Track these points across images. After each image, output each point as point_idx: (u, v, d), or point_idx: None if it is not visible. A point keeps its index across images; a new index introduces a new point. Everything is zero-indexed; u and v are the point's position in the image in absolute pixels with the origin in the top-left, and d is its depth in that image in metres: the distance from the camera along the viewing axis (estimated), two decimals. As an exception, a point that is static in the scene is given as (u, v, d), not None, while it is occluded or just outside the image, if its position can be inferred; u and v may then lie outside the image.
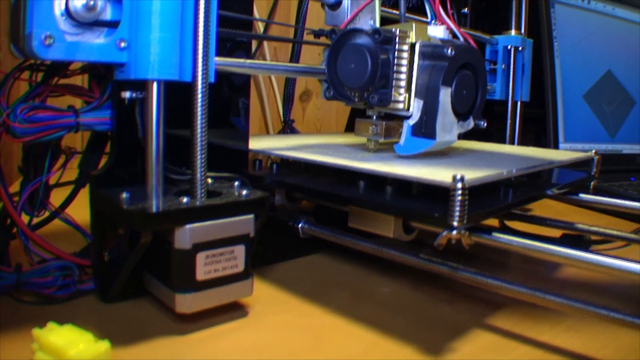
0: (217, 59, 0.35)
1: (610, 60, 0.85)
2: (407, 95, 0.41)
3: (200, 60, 0.32)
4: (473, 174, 0.35)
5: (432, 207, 0.33)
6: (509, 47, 0.66)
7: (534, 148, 0.59)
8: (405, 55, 0.41)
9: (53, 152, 0.36)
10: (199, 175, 0.33)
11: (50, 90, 0.35)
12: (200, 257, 0.32)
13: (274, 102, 1.00)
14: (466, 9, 0.71)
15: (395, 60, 0.40)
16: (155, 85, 0.32)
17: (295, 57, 0.64)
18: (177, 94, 0.33)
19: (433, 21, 0.47)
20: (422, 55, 0.41)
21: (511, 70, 0.66)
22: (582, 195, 0.49)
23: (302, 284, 0.42)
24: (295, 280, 0.42)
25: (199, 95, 0.32)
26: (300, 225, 0.43)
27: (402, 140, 0.42)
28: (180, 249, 0.31)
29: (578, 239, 0.50)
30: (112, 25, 0.31)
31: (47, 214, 0.37)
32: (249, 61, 0.39)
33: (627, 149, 0.86)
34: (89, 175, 0.35)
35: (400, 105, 0.41)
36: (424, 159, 0.42)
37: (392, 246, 0.37)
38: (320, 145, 0.51)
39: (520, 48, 0.67)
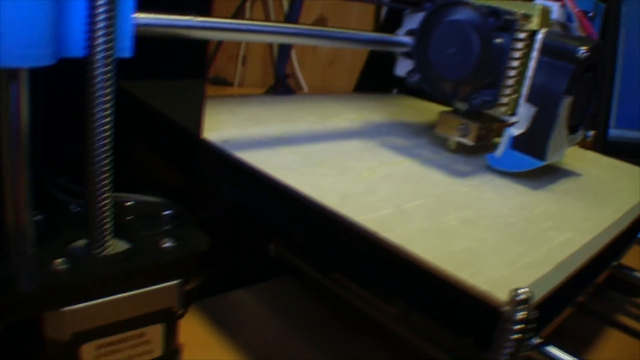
0: (141, 16, 0.22)
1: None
2: (514, 97, 0.33)
3: (99, 25, 0.18)
4: (545, 269, 0.22)
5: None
6: (576, 11, 0.57)
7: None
8: (520, 45, 0.32)
9: None
10: (96, 215, 0.20)
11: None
12: (88, 349, 0.21)
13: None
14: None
15: (510, 51, 0.32)
16: (5, 77, 0.17)
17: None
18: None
19: (544, -6, 0.37)
20: (545, 49, 0.32)
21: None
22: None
23: (254, 324, 0.34)
24: (248, 318, 0.34)
25: (98, 87, 0.18)
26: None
27: (499, 151, 0.34)
28: (54, 340, 0.20)
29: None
30: None
31: None
32: (212, 19, 0.26)
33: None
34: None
35: (503, 108, 0.33)
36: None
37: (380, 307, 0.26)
38: (327, 130, 0.37)
39: (590, 14, 0.57)
